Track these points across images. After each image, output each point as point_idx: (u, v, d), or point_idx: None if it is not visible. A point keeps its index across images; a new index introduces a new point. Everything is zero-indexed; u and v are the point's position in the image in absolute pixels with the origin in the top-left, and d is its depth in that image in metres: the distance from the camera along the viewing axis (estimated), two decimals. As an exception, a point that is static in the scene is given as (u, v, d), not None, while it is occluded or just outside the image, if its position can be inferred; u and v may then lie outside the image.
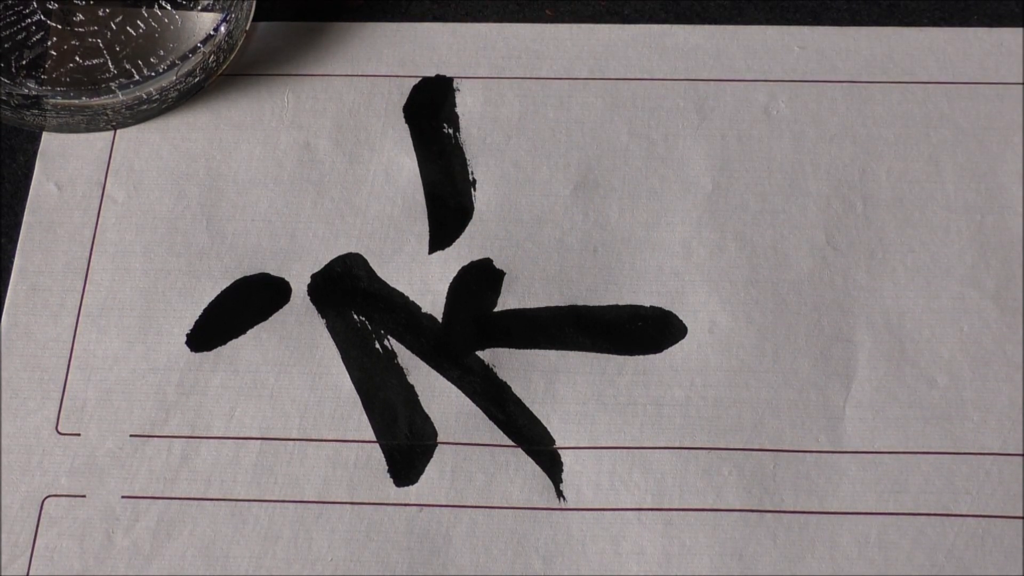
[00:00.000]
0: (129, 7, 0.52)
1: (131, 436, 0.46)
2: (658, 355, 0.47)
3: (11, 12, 0.52)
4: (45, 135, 0.51)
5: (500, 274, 0.48)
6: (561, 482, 0.45)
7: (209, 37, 0.51)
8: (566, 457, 0.45)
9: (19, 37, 0.52)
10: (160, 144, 0.51)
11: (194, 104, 0.52)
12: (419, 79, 0.53)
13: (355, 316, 0.48)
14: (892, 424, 0.45)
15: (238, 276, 0.49)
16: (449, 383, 0.46)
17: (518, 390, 0.46)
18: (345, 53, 0.53)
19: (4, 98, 0.50)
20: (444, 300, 0.48)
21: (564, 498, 0.44)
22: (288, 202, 0.50)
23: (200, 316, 0.48)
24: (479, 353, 0.47)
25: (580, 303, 0.48)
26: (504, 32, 0.53)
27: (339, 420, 0.46)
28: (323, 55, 0.53)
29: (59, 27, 0.52)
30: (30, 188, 0.50)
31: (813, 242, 0.49)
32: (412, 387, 0.46)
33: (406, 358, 0.47)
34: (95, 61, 0.51)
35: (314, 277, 0.48)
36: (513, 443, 0.45)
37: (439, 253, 0.49)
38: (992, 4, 0.53)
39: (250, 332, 0.47)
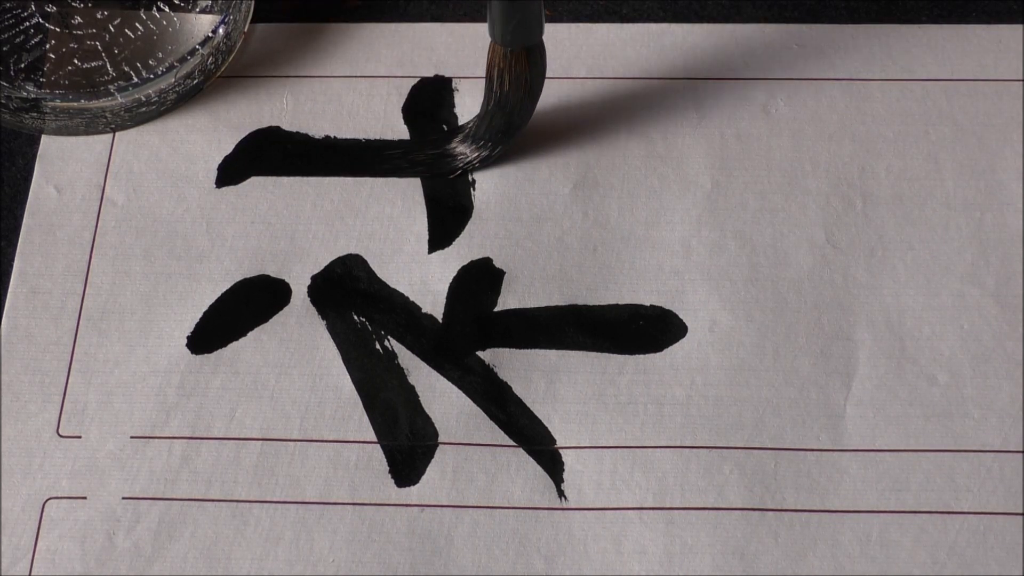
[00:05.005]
0: (127, 9, 0.52)
1: (132, 438, 0.46)
2: (658, 354, 0.47)
3: (9, 15, 0.52)
4: (44, 138, 0.51)
5: (500, 273, 0.48)
6: (562, 482, 0.45)
7: (207, 39, 0.51)
8: (567, 457, 0.45)
9: (17, 40, 0.52)
10: (159, 146, 0.51)
11: (193, 106, 0.52)
12: (418, 80, 0.53)
13: (355, 317, 0.48)
14: (893, 422, 0.45)
15: (238, 278, 0.48)
16: (450, 383, 0.46)
17: (519, 390, 0.46)
18: (343, 54, 0.53)
19: (3, 101, 0.50)
20: (444, 300, 0.48)
21: (565, 498, 0.44)
22: (288, 204, 0.50)
23: (200, 318, 0.48)
24: (479, 353, 0.47)
25: (580, 302, 0.48)
26: (503, 32, 0.53)
27: (340, 421, 0.46)
28: (321, 56, 0.53)
29: (57, 30, 0.52)
30: (29, 191, 0.50)
31: (813, 240, 0.49)
32: (413, 387, 0.46)
33: (406, 359, 0.47)
34: (94, 64, 0.51)
35: (314, 278, 0.48)
36: (514, 443, 0.45)
37: (439, 253, 0.49)
38: (991, 1, 0.53)
39: (250, 334, 0.47)
